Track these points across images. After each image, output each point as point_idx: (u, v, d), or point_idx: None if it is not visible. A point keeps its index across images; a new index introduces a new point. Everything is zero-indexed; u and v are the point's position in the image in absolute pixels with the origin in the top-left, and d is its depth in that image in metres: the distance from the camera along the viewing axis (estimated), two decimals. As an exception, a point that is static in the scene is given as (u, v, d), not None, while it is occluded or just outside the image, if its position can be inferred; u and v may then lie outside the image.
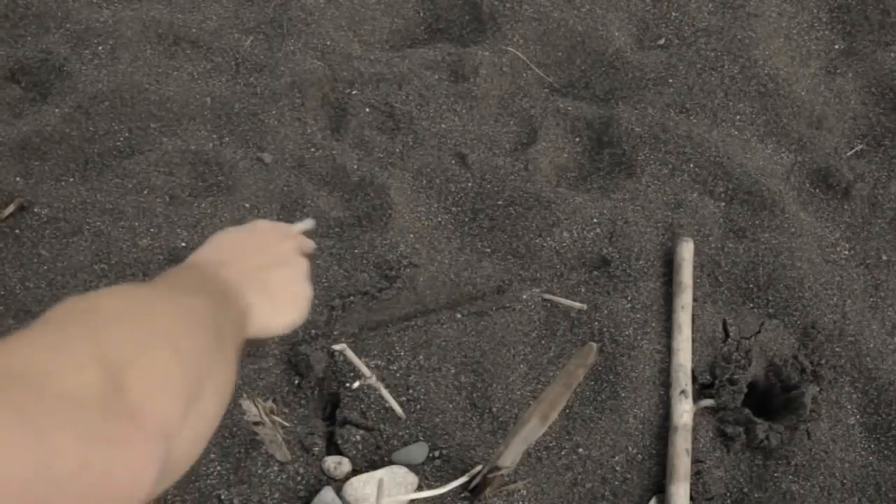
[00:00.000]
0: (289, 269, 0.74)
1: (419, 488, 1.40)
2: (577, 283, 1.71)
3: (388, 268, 1.67)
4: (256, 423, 1.29)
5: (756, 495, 1.49)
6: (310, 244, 0.83)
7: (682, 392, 1.53)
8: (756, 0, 2.19)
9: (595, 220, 1.78)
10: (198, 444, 0.54)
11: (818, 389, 1.59)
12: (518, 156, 1.90)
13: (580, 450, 1.50)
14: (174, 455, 0.48)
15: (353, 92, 1.97)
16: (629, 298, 1.67)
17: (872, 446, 1.57)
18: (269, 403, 1.31)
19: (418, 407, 1.50)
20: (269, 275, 0.71)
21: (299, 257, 0.78)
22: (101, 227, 1.67)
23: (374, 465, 1.44)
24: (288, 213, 1.74)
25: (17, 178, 1.76)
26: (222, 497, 1.39)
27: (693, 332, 1.63)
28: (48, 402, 0.40)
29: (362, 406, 1.50)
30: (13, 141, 1.80)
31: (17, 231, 1.66)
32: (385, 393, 1.43)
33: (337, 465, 1.43)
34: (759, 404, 1.60)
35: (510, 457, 1.29)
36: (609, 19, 2.16)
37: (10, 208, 1.69)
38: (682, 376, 1.56)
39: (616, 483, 1.48)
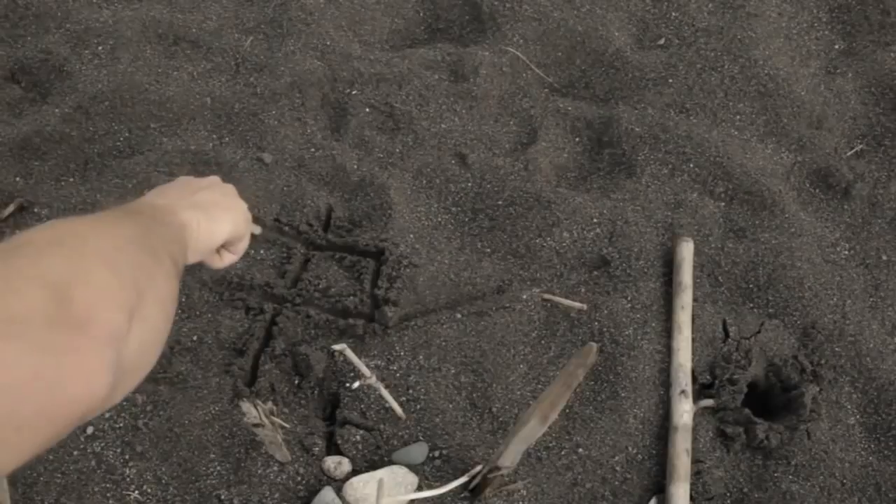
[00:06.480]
0: (216, 189, 0.85)
1: (419, 488, 1.40)
2: (577, 283, 1.71)
3: (389, 268, 1.67)
4: (256, 425, 1.29)
5: (756, 495, 1.49)
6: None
7: (682, 392, 1.53)
8: (756, 0, 2.19)
9: (595, 220, 1.78)
10: (148, 354, 0.58)
11: (818, 389, 1.59)
12: (518, 156, 1.90)
13: (580, 450, 1.50)
14: (125, 363, 0.52)
15: (353, 92, 1.97)
16: (629, 298, 1.67)
17: (872, 446, 1.57)
18: (269, 405, 1.31)
19: (418, 407, 1.50)
20: (198, 196, 0.80)
21: (225, 184, 0.88)
22: (101, 227, 1.67)
23: (374, 465, 1.44)
24: (288, 214, 1.74)
25: (17, 178, 1.76)
26: (222, 497, 1.39)
27: (693, 332, 1.63)
28: None
29: (362, 406, 1.50)
30: (13, 141, 1.80)
31: (17, 231, 1.66)
32: (385, 393, 1.43)
33: (337, 465, 1.43)
34: (759, 404, 1.60)
35: (510, 457, 1.29)
36: (609, 19, 2.16)
37: (10, 208, 1.69)
38: (682, 376, 1.56)
39: (616, 483, 1.48)
